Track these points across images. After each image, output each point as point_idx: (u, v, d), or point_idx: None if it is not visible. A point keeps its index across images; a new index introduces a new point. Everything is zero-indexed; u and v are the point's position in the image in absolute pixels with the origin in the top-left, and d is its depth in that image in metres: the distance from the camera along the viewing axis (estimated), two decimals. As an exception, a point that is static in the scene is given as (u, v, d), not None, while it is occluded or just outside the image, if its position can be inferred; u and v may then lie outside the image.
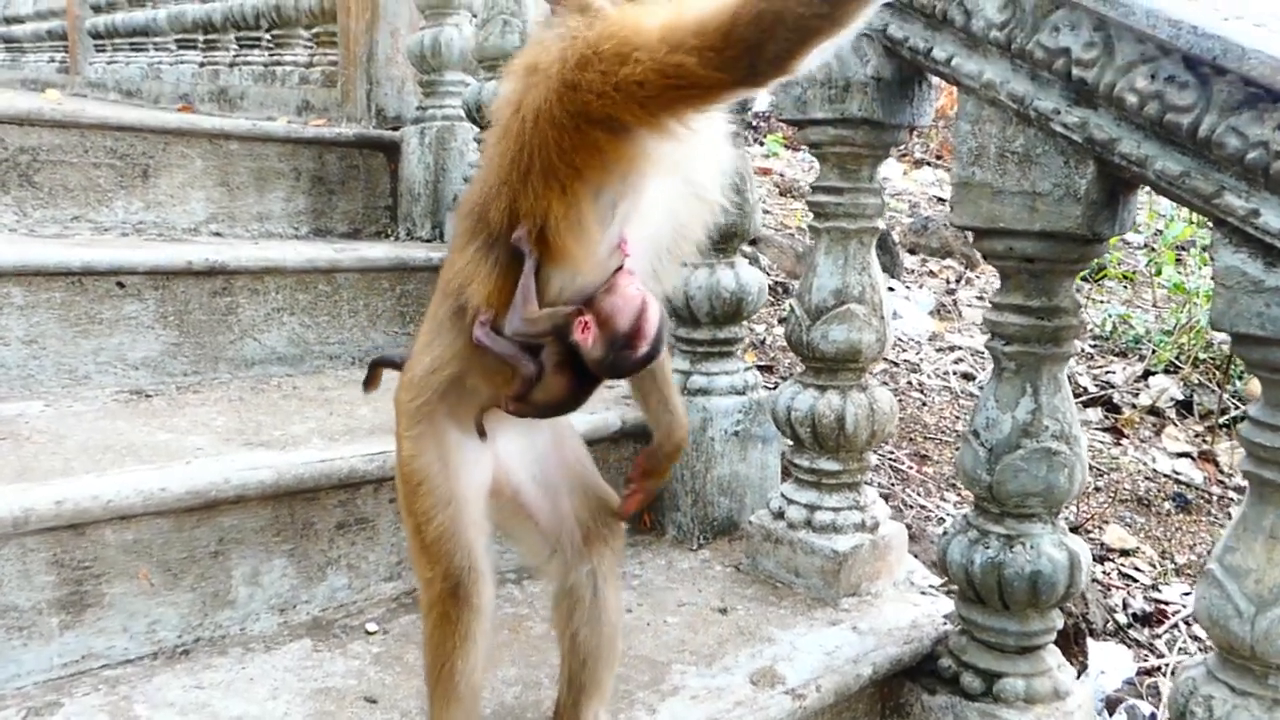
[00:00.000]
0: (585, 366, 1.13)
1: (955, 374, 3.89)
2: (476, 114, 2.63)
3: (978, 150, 1.54)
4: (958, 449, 3.40)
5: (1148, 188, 1.43)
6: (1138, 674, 2.35)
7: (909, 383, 3.81)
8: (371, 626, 1.69)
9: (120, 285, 2.06)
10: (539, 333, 1.11)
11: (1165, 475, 3.27)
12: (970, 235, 1.63)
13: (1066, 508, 1.79)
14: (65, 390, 2.00)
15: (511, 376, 1.16)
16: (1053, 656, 1.68)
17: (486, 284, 1.12)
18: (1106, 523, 3.01)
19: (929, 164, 6.96)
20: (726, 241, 2.06)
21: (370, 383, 1.47)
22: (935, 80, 1.74)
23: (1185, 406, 3.67)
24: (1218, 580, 1.32)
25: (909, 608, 1.87)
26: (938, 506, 3.05)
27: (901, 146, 3.41)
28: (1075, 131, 1.41)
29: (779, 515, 1.94)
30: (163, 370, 2.13)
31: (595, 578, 1.33)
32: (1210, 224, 1.32)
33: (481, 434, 1.25)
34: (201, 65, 4.14)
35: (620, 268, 1.10)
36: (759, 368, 3.49)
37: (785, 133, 6.02)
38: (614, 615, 1.35)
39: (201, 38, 4.18)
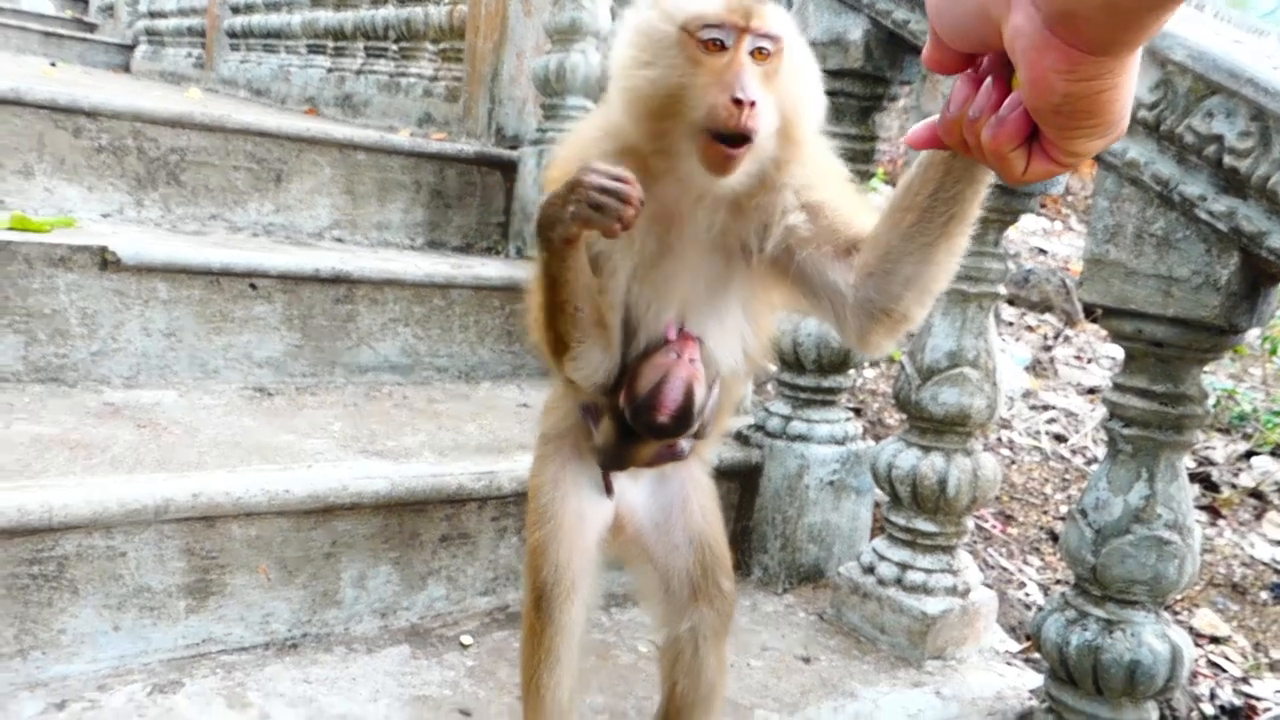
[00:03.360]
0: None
1: (1047, 434, 3.81)
2: (596, 143, 2.69)
3: (1114, 228, 1.53)
4: (1045, 512, 3.34)
5: (1291, 283, 1.40)
6: (1222, 769, 2.27)
7: (998, 439, 3.75)
8: (466, 639, 1.74)
9: (253, 286, 2.17)
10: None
11: (1264, 563, 3.15)
12: (1100, 311, 1.61)
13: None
14: (196, 383, 2.11)
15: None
16: (1144, 748, 1.65)
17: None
18: (1197, 606, 2.92)
19: (1033, 212, 6.84)
20: (838, 292, 2.07)
21: None
22: (1069, 152, 1.73)
23: (1290, 492, 3.53)
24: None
25: (994, 678, 1.85)
26: (1020, 570, 2.99)
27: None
28: (1221, 220, 1.40)
29: (869, 570, 1.94)
30: (284, 370, 2.23)
31: (696, 637, 1.33)
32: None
33: (608, 489, 1.30)
34: (329, 71, 4.31)
35: (665, 343, 1.17)
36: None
37: (888, 167, 5.97)
38: (712, 675, 1.35)
39: (331, 44, 4.35)
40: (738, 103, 0.98)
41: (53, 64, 5.08)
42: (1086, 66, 0.58)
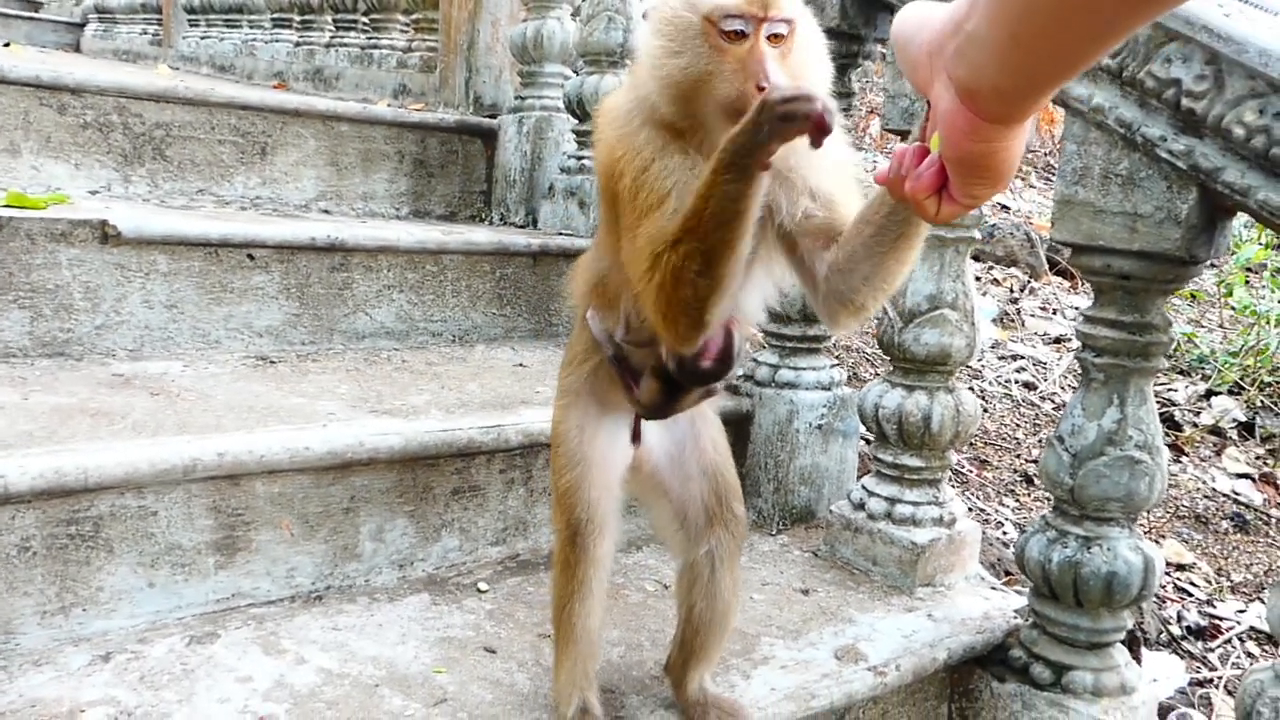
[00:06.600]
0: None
1: (1017, 382, 3.95)
2: (576, 107, 2.75)
3: (1082, 170, 1.63)
4: (1018, 456, 3.49)
5: (1246, 215, 1.51)
6: (1190, 684, 2.42)
7: (970, 389, 3.88)
8: (483, 586, 1.82)
9: (250, 257, 2.21)
10: (638, 340, 1.32)
11: (1224, 495, 3.32)
12: (1069, 251, 1.71)
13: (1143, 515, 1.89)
14: (199, 353, 2.15)
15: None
16: (1121, 654, 1.78)
17: (600, 294, 1.36)
18: (1163, 537, 3.07)
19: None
20: (821, 244, 2.16)
21: None
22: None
23: (1247, 428, 3.71)
24: (1293, 589, 1.41)
25: (981, 600, 1.97)
26: (996, 511, 3.13)
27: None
28: (1180, 159, 1.50)
29: (859, 506, 2.04)
30: (284, 339, 2.27)
31: (713, 559, 1.43)
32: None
33: (636, 438, 1.39)
34: (296, 45, 4.29)
35: None
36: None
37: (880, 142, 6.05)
38: (728, 594, 1.45)
39: (298, 17, 4.34)
40: (761, 89, 1.06)
41: (6, 44, 5.00)
42: (985, 130, 0.77)
